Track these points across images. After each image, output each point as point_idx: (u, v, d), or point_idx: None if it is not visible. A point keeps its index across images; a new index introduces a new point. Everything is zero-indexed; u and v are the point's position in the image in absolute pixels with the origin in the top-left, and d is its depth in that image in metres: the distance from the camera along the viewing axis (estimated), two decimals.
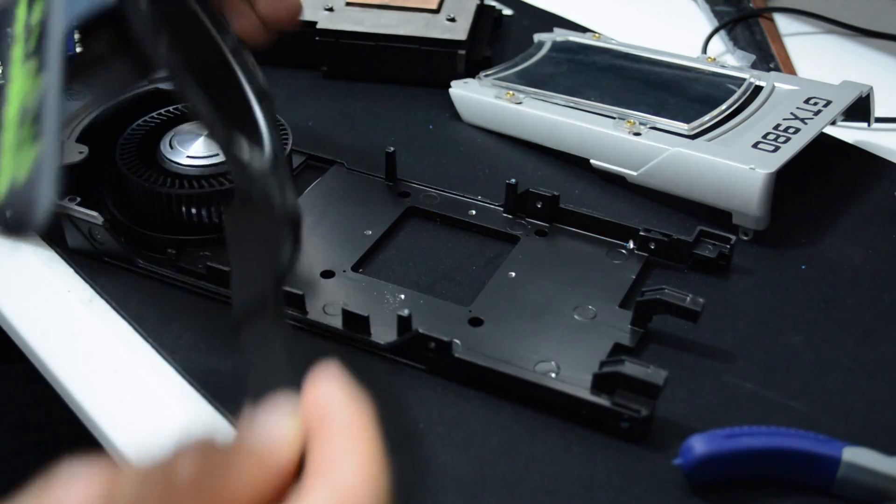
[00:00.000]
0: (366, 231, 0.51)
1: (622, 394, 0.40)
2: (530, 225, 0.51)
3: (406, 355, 0.43)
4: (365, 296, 0.47)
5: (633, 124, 0.54)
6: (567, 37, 0.66)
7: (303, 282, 0.47)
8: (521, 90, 0.59)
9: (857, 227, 0.53)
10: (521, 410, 0.42)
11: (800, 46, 0.72)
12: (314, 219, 0.51)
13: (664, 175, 0.52)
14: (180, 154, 0.50)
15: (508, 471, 0.39)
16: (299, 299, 0.45)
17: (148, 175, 0.49)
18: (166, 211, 0.48)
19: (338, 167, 0.55)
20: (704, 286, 0.48)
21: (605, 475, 0.39)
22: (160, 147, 0.51)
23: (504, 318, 0.45)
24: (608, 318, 0.45)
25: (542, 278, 0.48)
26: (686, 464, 0.38)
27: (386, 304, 0.46)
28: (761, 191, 0.50)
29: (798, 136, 0.52)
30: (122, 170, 0.49)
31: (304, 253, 0.49)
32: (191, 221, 0.49)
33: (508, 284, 0.47)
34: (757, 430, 0.38)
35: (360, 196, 0.53)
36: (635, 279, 0.48)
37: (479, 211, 0.52)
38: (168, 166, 0.50)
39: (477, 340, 0.44)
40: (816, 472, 0.38)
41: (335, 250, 0.49)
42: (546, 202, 0.51)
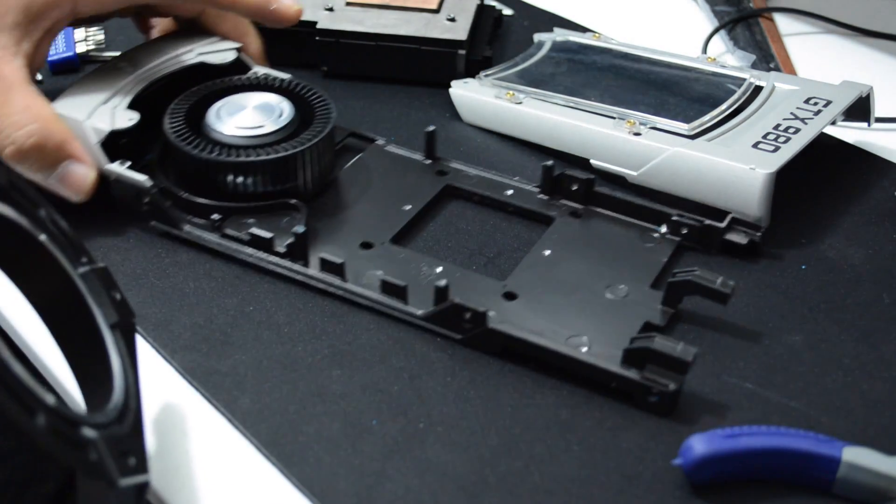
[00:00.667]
0: (404, 206, 0.52)
1: (652, 368, 0.41)
2: (565, 207, 0.52)
3: (441, 324, 0.45)
4: (402, 268, 0.48)
5: (633, 124, 0.54)
6: (567, 37, 0.66)
7: (342, 252, 0.48)
8: (521, 90, 0.59)
9: (857, 227, 0.53)
10: (521, 409, 0.42)
11: (800, 46, 0.72)
12: (355, 192, 0.53)
13: (664, 175, 0.52)
14: (227, 124, 0.51)
15: (508, 471, 0.39)
16: (339, 268, 0.47)
17: (195, 143, 0.50)
18: (212, 178, 0.50)
19: (378, 144, 0.57)
20: (734, 271, 0.49)
21: (604, 475, 0.39)
22: (207, 116, 0.52)
23: (538, 294, 0.46)
24: (639, 297, 0.46)
25: (575, 258, 0.49)
26: (686, 464, 0.38)
27: (422, 276, 0.48)
28: (761, 191, 0.50)
29: (798, 136, 0.52)
30: (169, 137, 0.51)
31: (345, 224, 0.51)
32: (235, 190, 0.50)
33: (543, 262, 0.49)
34: (757, 430, 0.38)
35: (400, 173, 0.55)
36: (667, 262, 0.49)
37: (515, 191, 0.53)
38: (215, 135, 0.51)
39: (511, 313, 0.45)
40: (816, 472, 0.38)
41: (374, 223, 0.51)
42: (581, 185, 0.52)
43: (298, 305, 0.47)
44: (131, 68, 0.54)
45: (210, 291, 0.48)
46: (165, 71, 0.55)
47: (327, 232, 0.50)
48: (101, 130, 0.50)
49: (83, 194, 0.49)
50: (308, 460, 0.40)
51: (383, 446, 0.40)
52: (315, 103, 0.54)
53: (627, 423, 0.41)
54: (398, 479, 0.39)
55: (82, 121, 0.50)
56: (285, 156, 0.50)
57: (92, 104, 0.51)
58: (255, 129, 0.51)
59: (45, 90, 0.50)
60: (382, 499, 0.38)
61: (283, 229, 0.49)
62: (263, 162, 0.50)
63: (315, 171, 0.51)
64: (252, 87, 0.55)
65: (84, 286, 0.38)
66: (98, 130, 0.50)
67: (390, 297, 0.46)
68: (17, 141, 0.48)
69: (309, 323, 0.46)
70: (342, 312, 0.47)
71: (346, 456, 0.40)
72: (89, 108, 0.51)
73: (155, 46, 0.57)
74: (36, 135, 0.48)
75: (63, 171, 0.49)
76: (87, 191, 0.49)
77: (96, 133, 0.50)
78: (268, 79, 0.56)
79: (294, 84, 0.55)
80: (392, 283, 0.46)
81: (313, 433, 0.41)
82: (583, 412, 0.42)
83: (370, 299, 0.46)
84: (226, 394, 0.42)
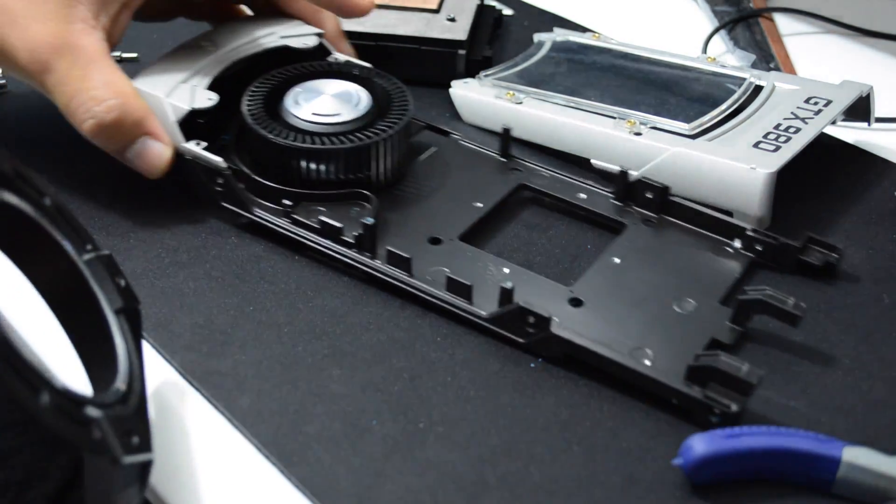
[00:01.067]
0: (475, 203, 0.52)
1: (715, 387, 0.40)
2: (638, 214, 0.52)
3: (504, 327, 0.44)
4: (469, 266, 0.48)
5: (633, 124, 0.54)
6: (567, 37, 0.66)
7: (410, 246, 0.48)
8: (521, 90, 0.59)
9: (857, 227, 0.53)
10: (521, 409, 0.42)
11: (800, 46, 0.72)
12: (427, 186, 0.53)
13: (665, 175, 0.52)
14: (304, 110, 0.51)
15: (508, 471, 0.39)
16: (405, 262, 0.46)
17: (271, 127, 0.50)
18: (286, 164, 0.50)
19: (454, 138, 0.57)
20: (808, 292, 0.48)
21: (604, 475, 0.39)
22: (285, 101, 0.52)
23: (604, 302, 0.46)
24: (708, 313, 0.46)
25: (645, 267, 0.48)
26: (686, 464, 0.38)
27: (489, 276, 0.47)
28: (762, 190, 0.50)
29: (799, 135, 0.52)
30: (246, 120, 0.51)
31: (415, 218, 0.51)
32: (308, 176, 0.50)
33: (612, 270, 0.48)
34: (757, 430, 0.38)
35: (473, 169, 0.55)
36: (738, 278, 0.48)
37: (588, 195, 0.53)
38: (291, 120, 0.51)
39: (575, 320, 0.45)
40: (816, 472, 0.38)
41: (444, 219, 0.51)
42: (656, 193, 0.51)
43: (299, 305, 0.47)
44: (213, 48, 0.54)
45: (210, 291, 0.48)
46: (247, 53, 0.55)
47: (396, 224, 0.50)
48: (181, 109, 0.50)
49: (158, 171, 0.49)
50: (308, 460, 0.40)
51: (383, 446, 0.40)
52: (393, 94, 0.54)
53: (627, 423, 0.41)
54: (398, 479, 0.39)
55: (162, 98, 0.50)
56: (360, 145, 0.50)
57: (172, 82, 0.51)
58: (332, 117, 0.51)
59: None
60: (382, 499, 0.38)
61: (353, 219, 0.49)
62: (337, 150, 0.49)
63: (389, 162, 0.51)
64: (331, 74, 0.55)
65: (88, 272, 0.38)
66: (177, 108, 0.50)
67: (455, 295, 0.45)
68: (98, 115, 0.48)
69: (309, 323, 0.46)
70: (342, 312, 0.47)
71: (346, 456, 0.40)
72: (169, 86, 0.51)
73: (238, 27, 0.57)
74: (116, 110, 0.48)
75: (140, 147, 0.49)
76: (162, 168, 0.49)
77: (175, 111, 0.50)
78: (347, 66, 0.55)
79: (373, 73, 0.55)
80: (458, 282, 0.45)
81: (313, 433, 0.41)
82: (583, 412, 0.42)
83: (434, 296, 0.46)
84: (226, 394, 0.42)
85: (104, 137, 0.49)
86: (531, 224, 0.52)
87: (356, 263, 0.48)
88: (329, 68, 0.55)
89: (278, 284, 0.48)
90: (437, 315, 0.46)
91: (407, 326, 0.46)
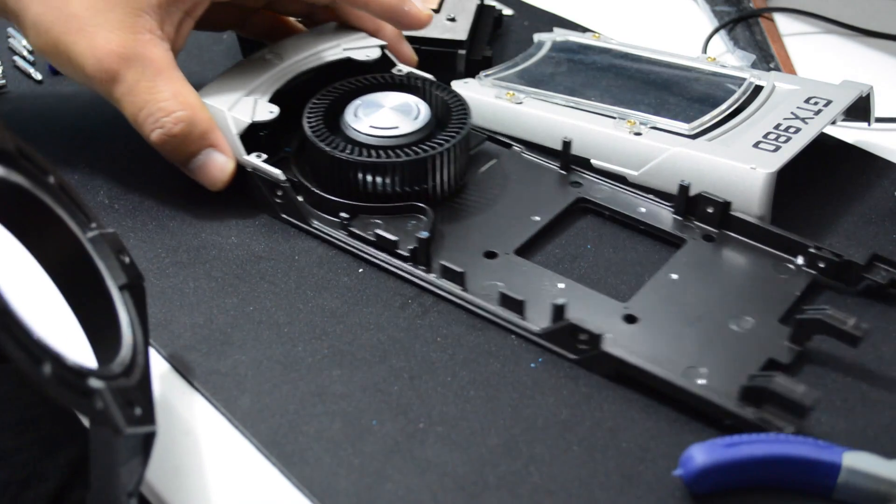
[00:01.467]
0: (533, 217, 0.51)
1: (769, 409, 0.39)
2: (698, 229, 0.51)
3: (556, 343, 0.44)
4: (524, 280, 0.47)
5: (633, 124, 0.54)
6: (567, 37, 0.66)
7: (465, 259, 0.48)
8: (521, 90, 0.59)
9: (857, 227, 0.53)
10: (521, 409, 0.42)
11: (800, 46, 0.72)
12: (485, 199, 0.53)
13: (665, 175, 0.52)
14: (363, 123, 0.52)
15: (508, 471, 0.39)
16: (459, 276, 0.46)
17: (330, 140, 0.50)
18: (345, 177, 0.50)
19: (514, 150, 0.56)
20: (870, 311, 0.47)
21: (604, 475, 0.39)
22: (345, 114, 0.53)
23: (659, 319, 0.45)
24: (766, 331, 0.44)
25: (703, 284, 0.47)
26: (687, 474, 0.38)
27: (544, 291, 0.47)
28: (762, 190, 0.50)
29: (799, 135, 0.52)
30: (306, 133, 0.51)
31: (471, 231, 0.50)
32: (366, 189, 0.50)
33: (669, 286, 0.47)
34: (756, 438, 0.38)
35: (532, 181, 0.54)
36: (799, 296, 0.47)
37: (648, 210, 0.52)
38: (351, 133, 0.52)
39: (628, 337, 0.44)
40: (817, 478, 0.38)
41: (501, 232, 0.50)
42: (717, 208, 0.50)
43: (299, 305, 0.47)
44: (277, 61, 0.55)
45: (210, 291, 0.48)
46: (310, 65, 0.55)
47: (453, 238, 0.50)
48: (242, 122, 0.51)
49: (220, 183, 0.50)
50: (308, 460, 0.39)
51: (383, 446, 0.40)
52: (452, 105, 0.53)
53: (627, 423, 0.41)
54: (398, 479, 0.39)
55: (224, 111, 0.51)
56: (418, 158, 0.50)
57: (235, 95, 0.52)
58: (391, 130, 0.51)
59: (46, 90, 0.50)
60: (382, 499, 0.38)
61: (409, 232, 0.49)
62: (395, 163, 0.49)
63: (447, 175, 0.51)
64: (390, 87, 0.55)
65: (93, 249, 0.39)
66: (238, 121, 0.51)
67: (508, 310, 0.45)
68: (165, 126, 0.48)
69: (309, 323, 0.46)
70: (342, 312, 0.47)
71: (346, 456, 0.40)
72: (232, 99, 0.51)
73: (301, 40, 0.57)
74: (183, 122, 0.49)
75: (204, 159, 0.50)
76: (224, 180, 0.50)
77: (236, 124, 0.51)
78: (408, 79, 0.55)
79: (433, 85, 0.55)
80: (511, 297, 0.45)
81: (313, 433, 0.41)
82: (583, 412, 0.42)
83: (487, 311, 0.46)
84: (226, 394, 0.42)
85: (170, 148, 0.49)
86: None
87: (410, 277, 0.48)
88: (388, 81, 0.55)
89: (278, 284, 0.48)
90: (437, 315, 0.46)
91: (407, 326, 0.46)
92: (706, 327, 0.45)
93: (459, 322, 0.46)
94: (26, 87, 0.64)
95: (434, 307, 0.47)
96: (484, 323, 0.46)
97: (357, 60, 0.56)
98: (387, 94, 0.54)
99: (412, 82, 0.55)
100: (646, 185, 0.53)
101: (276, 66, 0.54)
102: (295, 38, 0.57)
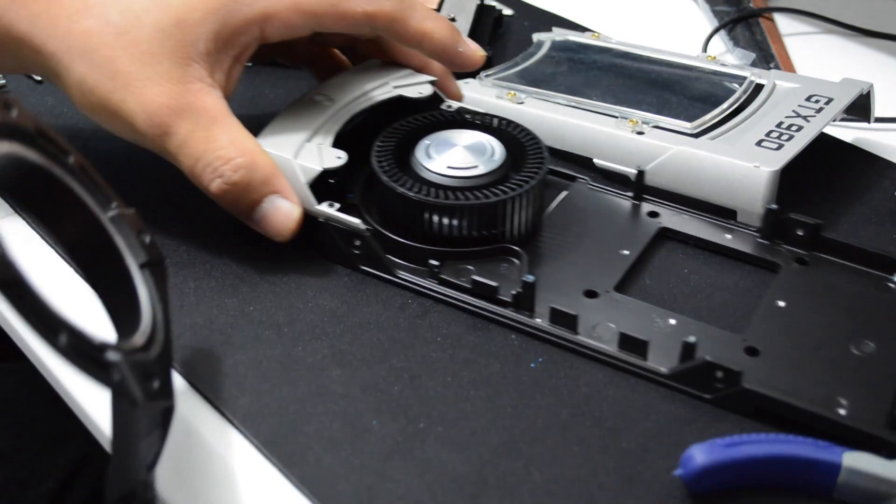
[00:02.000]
0: (622, 251, 0.49)
1: None
2: (789, 252, 0.49)
3: (688, 383, 0.42)
4: (633, 318, 0.45)
5: (635, 123, 0.54)
6: (566, 36, 0.66)
7: (567, 301, 0.46)
8: (522, 90, 0.59)
9: (857, 227, 0.53)
10: (521, 409, 0.42)
11: (800, 46, 0.72)
12: (567, 236, 0.51)
13: (668, 173, 0.52)
14: (437, 163, 0.49)
15: (508, 471, 0.39)
16: (571, 319, 0.44)
17: (409, 184, 0.48)
18: (427, 221, 0.48)
19: (580, 182, 0.55)
20: None
21: (604, 475, 0.39)
22: (416, 154, 0.50)
23: (781, 349, 0.44)
24: (889, 353, 0.43)
25: (812, 309, 0.46)
26: (687, 474, 0.38)
27: (656, 328, 0.45)
28: (766, 188, 0.50)
29: (801, 133, 0.52)
30: (381, 177, 0.48)
31: (563, 271, 0.48)
32: (447, 233, 0.48)
33: (779, 314, 0.46)
34: (756, 438, 0.38)
35: (609, 214, 0.52)
36: None
37: (734, 235, 0.51)
38: (426, 175, 0.49)
39: (757, 371, 0.42)
40: (817, 478, 0.38)
41: (593, 269, 0.48)
42: (808, 230, 0.49)
43: (299, 305, 0.47)
44: (329, 102, 0.52)
45: (210, 291, 0.48)
46: (363, 106, 0.52)
47: (546, 279, 0.47)
48: (312, 170, 0.48)
49: (288, 233, 0.47)
50: (308, 460, 0.39)
51: (383, 446, 0.40)
52: (523, 141, 0.52)
53: (627, 423, 0.41)
54: (398, 479, 0.39)
55: (291, 159, 0.48)
56: (501, 199, 0.47)
57: (296, 141, 0.49)
58: (470, 170, 0.49)
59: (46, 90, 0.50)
60: (382, 499, 0.38)
61: (503, 276, 0.47)
62: (481, 205, 0.47)
63: (530, 214, 0.49)
64: (456, 124, 0.53)
65: (113, 228, 0.39)
66: (307, 170, 0.48)
67: (628, 352, 0.43)
68: (225, 175, 0.46)
69: (309, 323, 0.46)
70: (342, 312, 0.47)
71: (346, 456, 0.40)
72: (295, 146, 0.49)
73: (349, 79, 0.55)
74: (243, 168, 0.46)
75: (268, 207, 0.47)
76: (291, 229, 0.47)
77: (305, 172, 0.48)
78: (476, 117, 0.53)
79: (502, 122, 0.53)
80: (632, 338, 0.43)
81: (313, 433, 0.41)
82: (582, 412, 0.42)
83: (606, 354, 0.44)
84: (226, 394, 0.42)
85: (232, 198, 0.46)
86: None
87: (514, 324, 0.45)
88: (453, 117, 0.53)
89: (278, 284, 0.48)
90: (437, 315, 0.46)
91: (407, 326, 0.46)
92: (830, 354, 0.43)
93: (459, 322, 0.46)
94: (26, 86, 0.64)
95: (434, 307, 0.47)
96: (484, 323, 0.46)
97: (408, 98, 0.54)
98: (456, 132, 0.52)
99: (482, 120, 0.53)
100: (649, 184, 0.53)
101: (329, 107, 0.52)
102: (341, 78, 0.55)
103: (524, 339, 0.45)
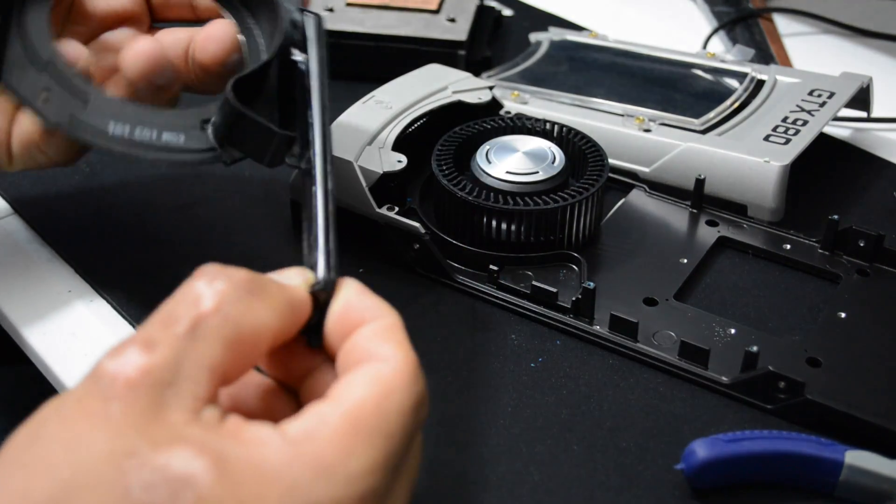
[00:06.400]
0: (681, 259, 0.50)
1: None
2: (850, 263, 0.49)
3: (749, 393, 0.42)
4: (692, 327, 0.45)
5: (642, 121, 0.54)
6: (564, 35, 0.66)
7: (626, 308, 0.46)
8: (525, 90, 0.59)
9: (857, 226, 0.53)
10: (522, 409, 0.42)
11: (799, 46, 0.72)
12: (625, 243, 0.51)
13: (678, 170, 0.52)
14: (499, 169, 0.49)
15: (508, 471, 0.39)
16: (632, 327, 0.44)
17: (471, 189, 0.48)
18: (487, 226, 0.48)
19: (639, 190, 0.55)
20: None
21: (604, 475, 0.39)
22: (476, 160, 0.50)
23: (842, 360, 0.43)
24: None
25: (873, 321, 0.46)
26: (688, 468, 0.38)
27: (716, 337, 0.45)
28: (777, 183, 0.50)
29: (807, 127, 0.53)
30: (441, 181, 0.49)
31: (622, 278, 0.48)
32: (506, 238, 0.48)
33: (840, 325, 0.45)
34: (759, 434, 0.38)
35: (668, 222, 0.52)
36: None
37: (793, 246, 0.50)
38: (486, 180, 0.49)
39: (820, 382, 0.42)
40: (819, 476, 0.38)
41: (653, 277, 0.48)
42: (869, 241, 0.48)
43: None
44: (388, 107, 0.52)
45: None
46: (423, 110, 0.53)
47: (605, 286, 0.47)
48: (373, 173, 0.48)
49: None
50: None
51: None
52: (582, 147, 0.52)
53: (627, 423, 0.41)
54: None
55: (352, 161, 0.48)
56: (562, 205, 0.47)
57: (357, 145, 0.49)
58: (530, 176, 0.49)
59: None
60: None
61: (562, 282, 0.47)
62: (541, 211, 0.47)
63: (589, 221, 0.49)
64: (513, 130, 0.53)
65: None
66: (369, 173, 0.48)
67: (689, 361, 0.43)
68: None
69: None
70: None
71: None
72: (356, 149, 0.49)
73: (406, 83, 0.55)
74: None
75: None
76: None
77: (366, 176, 0.48)
78: (536, 123, 0.53)
79: (563, 129, 0.53)
80: (693, 346, 0.43)
81: None
82: (583, 412, 0.42)
83: (666, 362, 0.43)
84: None
85: None
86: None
87: (574, 330, 0.45)
88: (512, 123, 0.53)
89: None
90: (437, 315, 0.46)
91: (407, 327, 0.46)
92: (892, 366, 0.43)
93: (460, 322, 0.46)
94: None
95: (434, 307, 0.47)
96: (484, 323, 0.46)
97: (467, 103, 0.54)
98: (516, 137, 0.51)
99: (536, 126, 0.53)
100: (657, 180, 0.53)
101: (388, 112, 0.51)
102: (398, 83, 0.55)
103: (521, 341, 0.45)
